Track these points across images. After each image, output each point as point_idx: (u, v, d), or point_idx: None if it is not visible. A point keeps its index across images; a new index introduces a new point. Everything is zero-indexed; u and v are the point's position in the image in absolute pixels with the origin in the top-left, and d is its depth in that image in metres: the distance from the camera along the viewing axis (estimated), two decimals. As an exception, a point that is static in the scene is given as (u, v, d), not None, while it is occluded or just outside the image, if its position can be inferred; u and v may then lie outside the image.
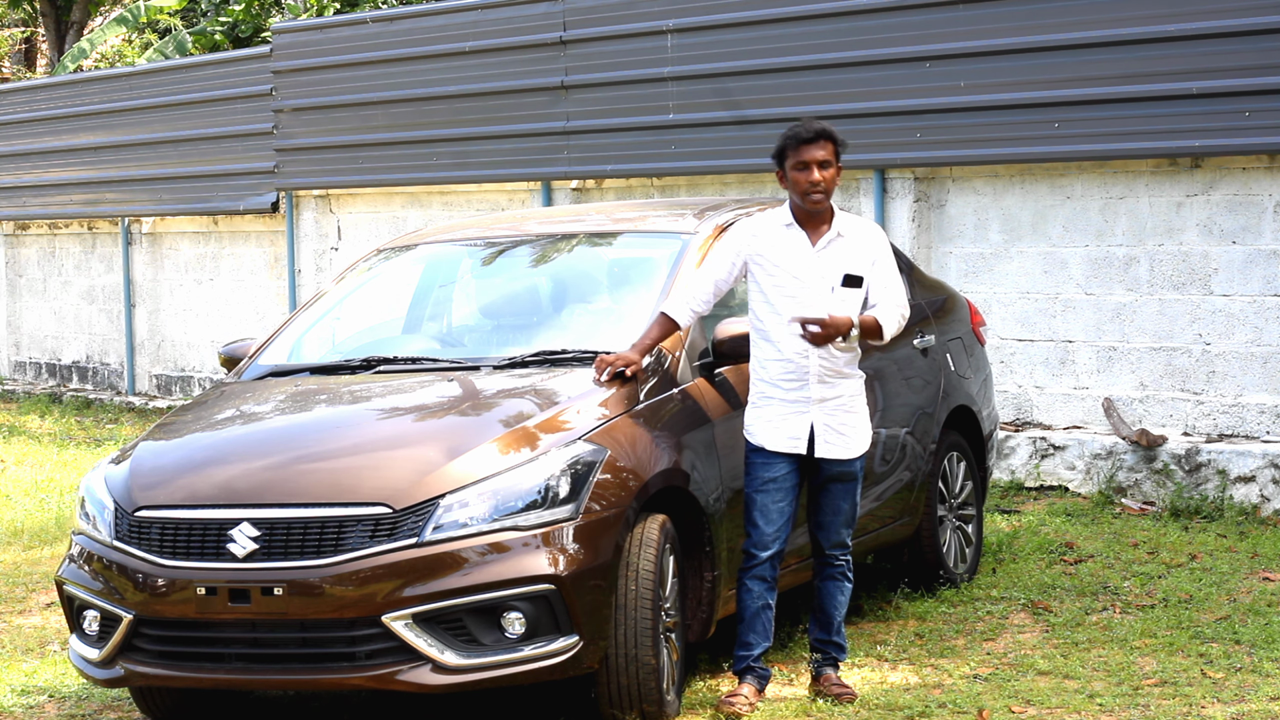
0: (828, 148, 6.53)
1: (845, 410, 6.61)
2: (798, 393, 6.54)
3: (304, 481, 6.16)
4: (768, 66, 12.10)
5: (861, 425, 6.68)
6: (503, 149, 13.93)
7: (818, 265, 6.55)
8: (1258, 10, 9.97)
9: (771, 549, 6.56)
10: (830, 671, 6.73)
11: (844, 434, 6.61)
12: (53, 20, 27.99)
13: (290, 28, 16.08)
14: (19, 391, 18.83)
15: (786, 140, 6.57)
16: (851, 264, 6.57)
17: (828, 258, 6.56)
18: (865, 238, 6.64)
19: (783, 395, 6.56)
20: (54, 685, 7.33)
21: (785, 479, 6.57)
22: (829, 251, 6.56)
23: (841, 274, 6.54)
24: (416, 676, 5.92)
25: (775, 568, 6.61)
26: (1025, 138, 10.91)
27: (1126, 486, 10.44)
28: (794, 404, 6.55)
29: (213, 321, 17.04)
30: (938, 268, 11.46)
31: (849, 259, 6.57)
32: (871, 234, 6.69)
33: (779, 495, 6.56)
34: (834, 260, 6.56)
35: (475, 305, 7.80)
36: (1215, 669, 6.88)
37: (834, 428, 6.58)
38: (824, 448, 6.58)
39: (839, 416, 6.59)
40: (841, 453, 6.61)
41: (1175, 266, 10.49)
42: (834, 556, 6.74)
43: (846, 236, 6.60)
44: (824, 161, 6.51)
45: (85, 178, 18.18)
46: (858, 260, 6.58)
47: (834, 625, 6.74)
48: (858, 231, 6.64)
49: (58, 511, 11.22)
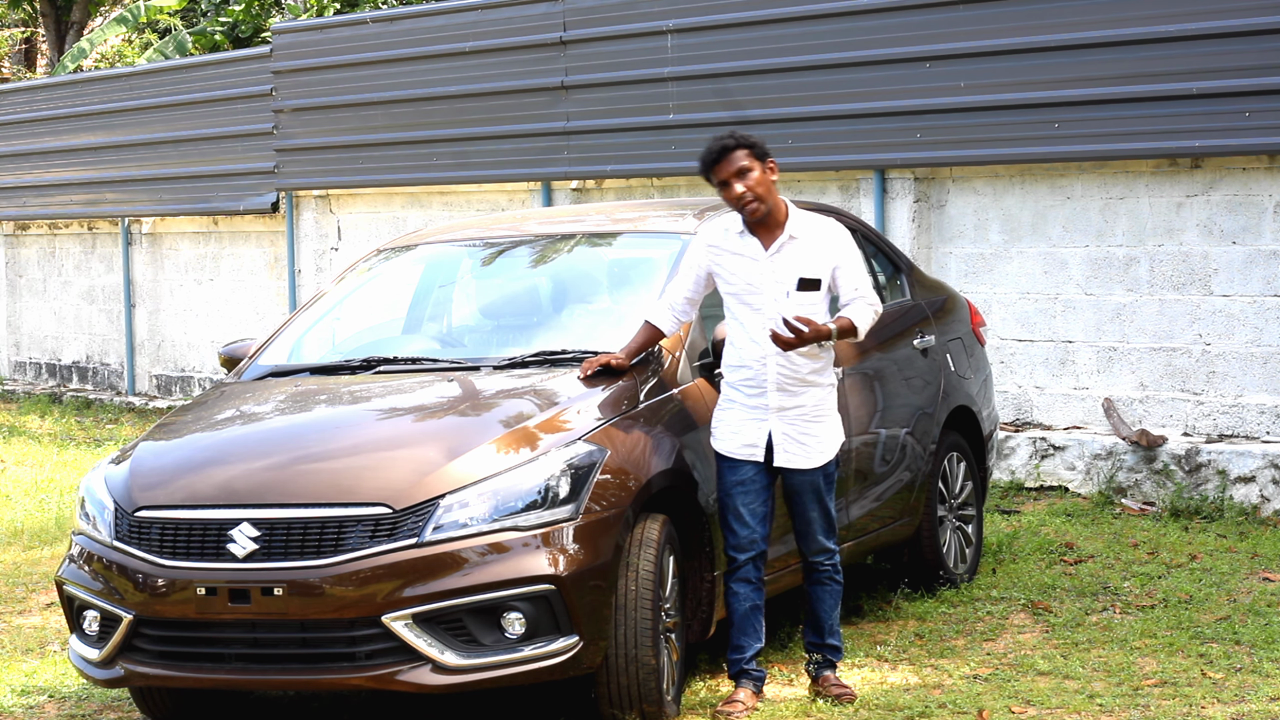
0: (742, 154, 6.42)
1: (808, 419, 6.49)
2: (757, 399, 6.47)
3: (304, 482, 6.16)
4: (768, 66, 12.10)
5: (826, 434, 6.55)
6: (503, 149, 13.93)
7: (771, 270, 6.45)
8: (1258, 10, 9.97)
9: (751, 551, 6.52)
10: (828, 673, 6.71)
11: (804, 444, 6.49)
12: (53, 20, 27.99)
13: (290, 28, 16.09)
14: (19, 392, 18.83)
15: (700, 167, 6.50)
16: (806, 267, 6.45)
17: (781, 262, 6.46)
18: (822, 238, 6.51)
19: (743, 401, 6.50)
20: (54, 685, 7.33)
21: (753, 481, 6.50)
22: (781, 256, 6.46)
23: (796, 278, 6.44)
24: (416, 677, 5.92)
25: (760, 568, 6.57)
26: (1025, 138, 10.91)
27: (1126, 487, 10.44)
28: (752, 410, 6.48)
29: (213, 322, 17.05)
30: (938, 268, 11.46)
31: (804, 262, 6.45)
32: (829, 233, 6.54)
33: (749, 497, 6.50)
34: (787, 264, 6.45)
35: (475, 305, 7.80)
36: (1215, 669, 6.88)
37: (794, 437, 6.48)
38: (782, 457, 6.48)
39: (800, 426, 6.48)
40: (801, 463, 6.50)
41: (1175, 267, 10.49)
42: (817, 563, 6.66)
43: (800, 238, 6.48)
44: (742, 170, 6.41)
45: (85, 178, 18.18)
46: (813, 262, 6.46)
47: (825, 628, 6.70)
48: (814, 232, 6.51)
49: (58, 511, 11.22)
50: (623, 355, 6.61)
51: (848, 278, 6.50)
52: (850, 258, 6.53)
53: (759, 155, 6.47)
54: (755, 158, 6.45)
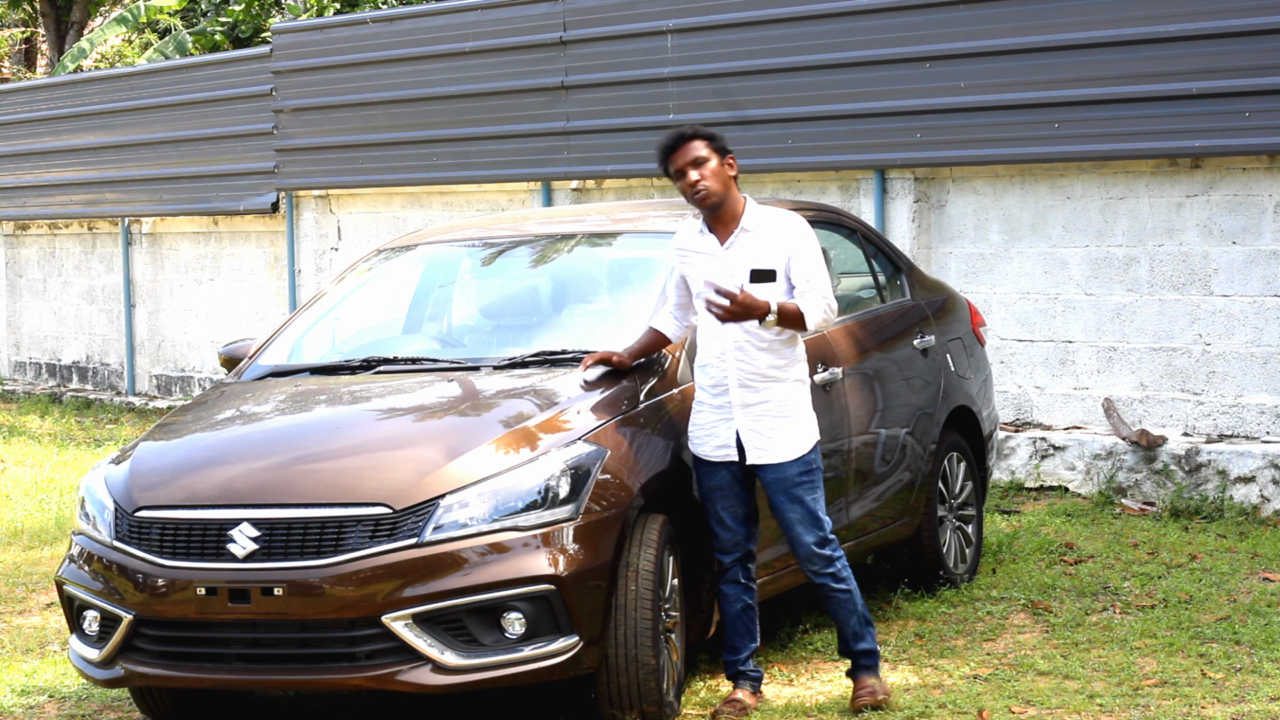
0: (692, 148, 6.38)
1: (773, 415, 6.41)
2: (722, 398, 6.43)
3: (304, 482, 6.16)
4: (768, 66, 12.10)
5: (793, 429, 6.44)
6: (503, 149, 13.93)
7: (726, 264, 6.42)
8: (1258, 10, 9.97)
9: (735, 553, 6.50)
10: (863, 676, 6.54)
11: (770, 438, 6.41)
12: (53, 20, 27.99)
13: (290, 28, 16.09)
14: (19, 392, 18.83)
15: (658, 155, 6.46)
16: (759, 258, 6.40)
17: (734, 255, 6.43)
18: (777, 231, 6.45)
19: (710, 401, 6.47)
20: (54, 685, 7.33)
21: (730, 485, 6.47)
22: (735, 249, 6.43)
23: (748, 270, 6.38)
24: (416, 677, 5.92)
25: (748, 569, 6.55)
26: (1025, 138, 10.91)
27: (1126, 487, 10.44)
28: (718, 409, 6.44)
29: (213, 322, 17.05)
30: (938, 268, 11.46)
31: (757, 254, 6.41)
32: (786, 226, 6.48)
33: (727, 501, 6.47)
34: (740, 257, 6.42)
35: (475, 306, 7.80)
36: (1215, 669, 6.88)
37: (760, 433, 6.41)
38: (753, 454, 6.43)
39: (766, 422, 6.41)
40: (770, 458, 6.42)
41: (1175, 267, 10.49)
42: (812, 573, 6.51)
43: (754, 231, 6.44)
44: (697, 160, 6.37)
45: (85, 178, 18.18)
46: (767, 254, 6.40)
47: (847, 634, 6.57)
48: (769, 225, 6.46)
49: (58, 511, 11.22)
50: (624, 354, 6.61)
51: (800, 268, 6.39)
52: (805, 249, 6.43)
53: (718, 149, 6.43)
54: (714, 150, 6.42)
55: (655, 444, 6.45)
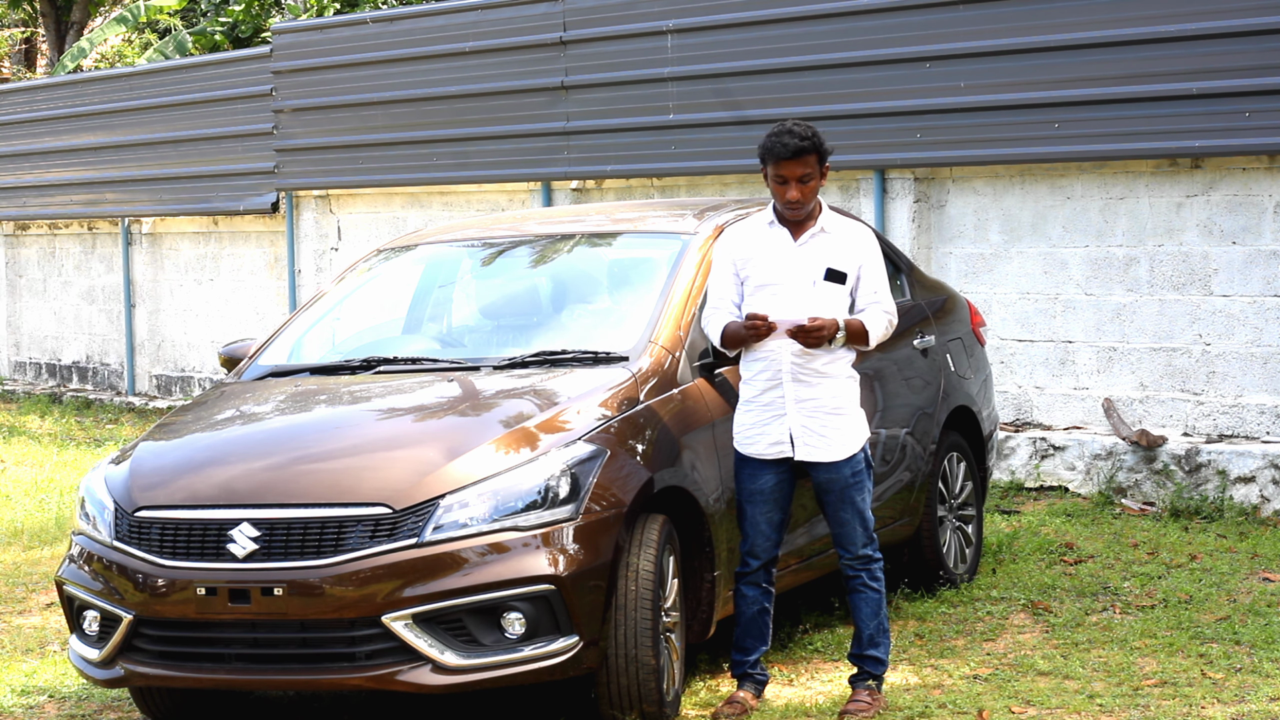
0: (809, 162, 6.37)
1: (826, 412, 6.41)
2: (773, 393, 6.42)
3: (304, 482, 6.17)
4: (768, 66, 12.10)
5: (847, 427, 6.46)
6: (503, 149, 13.93)
7: (799, 259, 6.43)
8: (1258, 10, 9.97)
9: (763, 558, 6.51)
10: (860, 687, 6.53)
11: (825, 435, 6.41)
12: (53, 20, 27.99)
13: (290, 28, 16.09)
14: (19, 392, 18.83)
15: (765, 152, 6.42)
16: (835, 259, 6.42)
17: (809, 252, 6.44)
18: (852, 236, 6.50)
19: (758, 399, 6.46)
20: (54, 685, 7.33)
21: (773, 490, 6.47)
22: (811, 246, 6.45)
23: (824, 268, 6.39)
24: (416, 677, 5.92)
25: (770, 573, 6.56)
26: (1025, 138, 10.91)
27: (1126, 487, 10.44)
28: (768, 407, 6.43)
29: (213, 322, 17.05)
30: (938, 268, 11.46)
31: (832, 254, 6.43)
32: (859, 234, 6.54)
33: (766, 506, 6.48)
34: (816, 255, 6.43)
35: (475, 306, 7.80)
36: (1215, 669, 6.88)
37: (814, 430, 6.41)
38: (804, 450, 6.42)
39: (819, 419, 6.41)
40: (823, 455, 6.43)
41: (1175, 267, 10.49)
42: (851, 567, 6.56)
43: (831, 233, 6.47)
44: (804, 176, 6.38)
45: (85, 178, 18.18)
46: (842, 256, 6.43)
47: (864, 637, 6.56)
48: (844, 229, 6.51)
49: (58, 511, 11.21)
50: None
51: (869, 280, 6.46)
52: (876, 262, 6.50)
53: (822, 161, 6.44)
54: (820, 163, 6.43)
55: (655, 444, 6.45)
